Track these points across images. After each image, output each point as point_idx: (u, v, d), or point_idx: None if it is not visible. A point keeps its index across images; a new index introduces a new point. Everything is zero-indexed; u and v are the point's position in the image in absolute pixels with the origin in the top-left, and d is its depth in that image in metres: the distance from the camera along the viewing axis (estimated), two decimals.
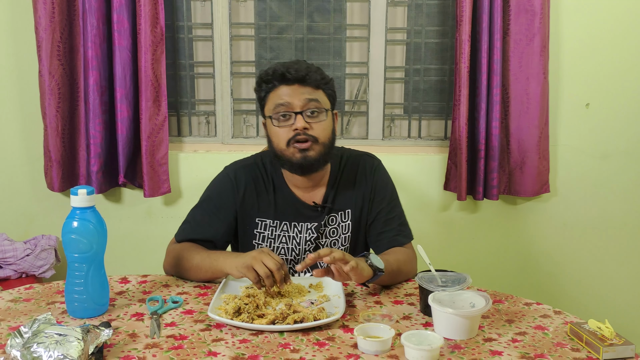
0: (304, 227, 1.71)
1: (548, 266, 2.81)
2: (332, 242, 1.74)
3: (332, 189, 1.73)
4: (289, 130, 1.61)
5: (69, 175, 2.60)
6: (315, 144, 1.62)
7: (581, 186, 2.75)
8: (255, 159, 1.77)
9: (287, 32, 2.76)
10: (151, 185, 2.58)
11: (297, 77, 1.61)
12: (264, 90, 1.66)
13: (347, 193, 1.74)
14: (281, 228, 1.71)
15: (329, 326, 1.35)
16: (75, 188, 1.35)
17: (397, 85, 2.84)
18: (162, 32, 2.51)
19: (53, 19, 2.44)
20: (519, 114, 2.58)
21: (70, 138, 2.58)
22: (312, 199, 1.72)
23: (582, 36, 2.64)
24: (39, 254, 2.48)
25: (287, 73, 1.61)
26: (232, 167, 1.75)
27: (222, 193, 1.72)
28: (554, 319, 1.41)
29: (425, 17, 2.74)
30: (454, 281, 1.44)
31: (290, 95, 1.61)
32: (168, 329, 1.33)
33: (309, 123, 1.61)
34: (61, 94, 2.51)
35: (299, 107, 1.61)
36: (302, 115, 1.60)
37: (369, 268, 1.49)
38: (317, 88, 1.64)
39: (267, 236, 1.72)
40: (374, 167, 1.77)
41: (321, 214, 1.72)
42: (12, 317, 1.38)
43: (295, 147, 1.61)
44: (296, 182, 1.71)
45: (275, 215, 1.71)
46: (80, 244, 1.35)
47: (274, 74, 1.63)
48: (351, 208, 1.73)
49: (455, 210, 2.76)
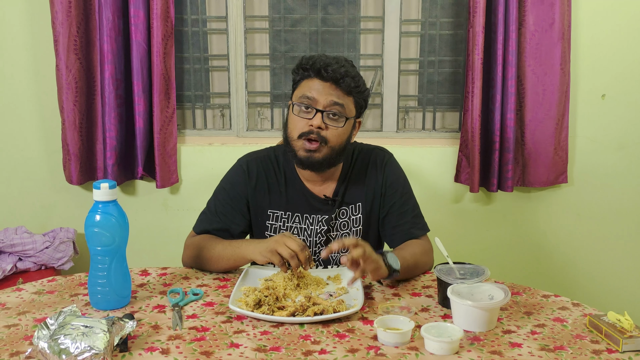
0: (315, 219, 1.72)
1: (563, 257, 2.81)
2: (342, 235, 1.74)
3: (343, 183, 1.74)
4: (305, 123, 1.62)
5: (87, 168, 2.63)
6: (324, 146, 1.62)
7: (597, 177, 2.74)
8: (269, 152, 1.78)
9: (301, 25, 2.76)
10: (162, 176, 2.61)
11: (332, 77, 1.61)
12: (300, 75, 1.67)
13: (358, 186, 1.74)
14: (293, 220, 1.73)
15: (348, 318, 1.37)
16: (98, 182, 1.37)
17: (412, 77, 2.84)
18: (172, 25, 2.53)
19: (70, 14, 2.46)
20: (535, 105, 2.57)
21: (88, 131, 2.61)
22: (323, 192, 1.73)
23: (598, 26, 2.62)
24: (58, 247, 2.51)
25: (324, 71, 1.60)
26: (245, 159, 1.77)
27: (235, 184, 1.74)
28: (573, 311, 1.42)
29: (439, 9, 2.73)
30: (472, 273, 1.45)
31: (319, 91, 1.61)
32: (190, 321, 1.35)
33: (325, 124, 1.61)
34: (78, 88, 2.53)
35: (322, 106, 1.61)
36: (322, 114, 1.61)
37: (385, 267, 1.50)
38: (348, 94, 1.63)
39: (279, 228, 1.73)
40: (384, 160, 1.77)
41: (332, 207, 1.73)
42: (36, 309, 1.41)
43: (304, 143, 1.62)
44: (307, 176, 1.72)
45: (287, 207, 1.72)
46: (103, 237, 1.37)
47: (312, 65, 1.63)
48: (362, 201, 1.74)
49: (469, 201, 2.76)
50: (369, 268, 1.45)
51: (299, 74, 1.67)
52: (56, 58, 2.49)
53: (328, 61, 1.61)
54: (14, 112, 2.68)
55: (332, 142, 1.62)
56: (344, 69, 1.61)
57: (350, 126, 1.68)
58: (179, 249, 1.75)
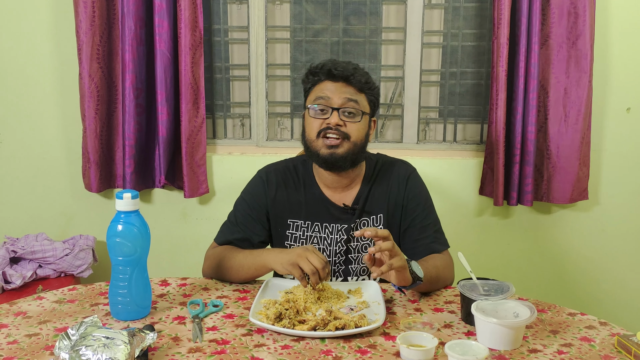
0: (335, 228, 1.72)
1: (588, 274, 2.76)
2: (363, 245, 1.73)
3: (364, 192, 1.73)
4: (322, 122, 1.63)
5: (106, 176, 2.64)
6: (346, 141, 1.62)
7: (622, 193, 2.69)
8: (287, 163, 1.80)
9: (322, 35, 2.76)
10: (191, 186, 2.62)
11: (343, 75, 1.63)
12: (310, 82, 1.70)
13: (380, 198, 1.73)
14: (312, 229, 1.72)
15: (370, 333, 1.35)
16: (120, 192, 1.37)
17: (433, 88, 2.82)
18: (200, 35, 2.54)
19: (93, 23, 2.48)
20: (559, 119, 2.54)
21: (108, 140, 2.62)
22: (342, 200, 1.72)
23: (624, 39, 2.59)
24: (78, 254, 2.52)
25: (334, 69, 1.63)
26: (264, 170, 1.79)
27: (254, 194, 1.75)
28: (600, 330, 1.39)
29: (462, 20, 2.72)
30: (497, 290, 1.42)
31: (332, 91, 1.64)
32: (210, 333, 1.34)
33: (343, 121, 1.62)
34: (100, 96, 2.55)
35: (337, 105, 1.63)
36: (338, 112, 1.62)
37: (409, 275, 1.48)
38: (360, 91, 1.66)
39: (299, 237, 1.73)
40: (407, 173, 1.76)
41: (351, 216, 1.72)
42: (57, 319, 1.41)
43: (324, 141, 1.62)
44: (327, 182, 1.72)
45: (307, 216, 1.72)
46: (125, 247, 1.37)
47: (322, 69, 1.66)
48: (383, 213, 1.73)
49: (488, 215, 2.73)
50: (396, 264, 1.42)
51: (309, 81, 1.70)
52: (79, 66, 2.52)
53: (336, 62, 1.66)
54: (38, 119, 2.71)
55: (353, 137, 1.63)
56: (352, 66, 1.66)
57: (367, 123, 1.69)
58: (197, 257, 1.75)
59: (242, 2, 2.74)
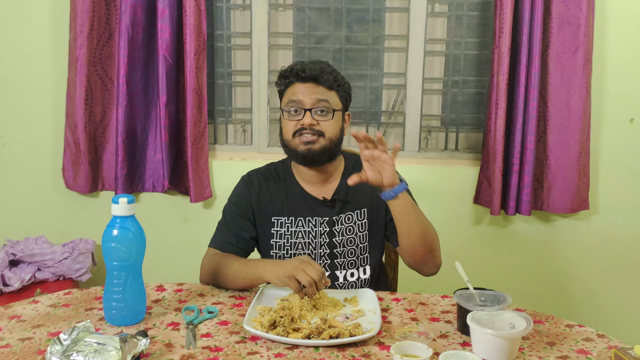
0: (317, 221, 1.77)
1: (587, 285, 2.74)
2: (348, 239, 1.77)
3: (344, 185, 1.78)
4: (296, 123, 1.70)
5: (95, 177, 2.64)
6: (321, 137, 1.70)
7: (623, 203, 2.68)
8: (268, 166, 1.89)
9: (325, 42, 2.76)
10: (196, 191, 2.62)
11: (311, 75, 1.71)
12: (282, 84, 1.78)
13: (364, 192, 1.78)
14: (296, 224, 1.77)
15: (364, 342, 1.34)
16: (117, 197, 1.36)
17: (435, 96, 2.81)
18: (204, 41, 2.55)
19: (92, 27, 2.49)
20: (559, 129, 2.53)
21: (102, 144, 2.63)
22: (322, 194, 1.79)
23: (627, 49, 2.58)
24: (77, 258, 2.51)
25: (302, 72, 1.71)
26: (247, 174, 1.87)
27: (240, 196, 1.81)
28: (598, 342, 1.37)
29: (465, 29, 2.72)
30: (493, 300, 1.41)
31: (303, 93, 1.71)
32: (203, 340, 1.33)
33: (316, 120, 1.69)
34: (94, 99, 2.55)
35: (309, 105, 1.70)
36: (310, 112, 1.69)
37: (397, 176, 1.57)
38: (330, 89, 1.73)
39: (284, 233, 1.77)
40: None
41: (332, 209, 1.77)
42: (51, 323, 1.40)
43: (301, 139, 1.69)
44: (306, 178, 1.79)
45: (289, 212, 1.77)
46: (120, 252, 1.37)
47: (291, 71, 1.74)
48: (367, 207, 1.79)
49: (487, 224, 2.72)
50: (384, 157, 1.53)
51: (281, 83, 1.78)
52: (76, 70, 2.51)
53: (304, 64, 1.73)
54: (38, 122, 2.71)
55: (328, 133, 1.70)
56: (319, 66, 1.72)
57: (340, 119, 1.76)
58: (197, 262, 1.75)
59: (246, 8, 2.75)
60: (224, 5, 2.73)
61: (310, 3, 2.73)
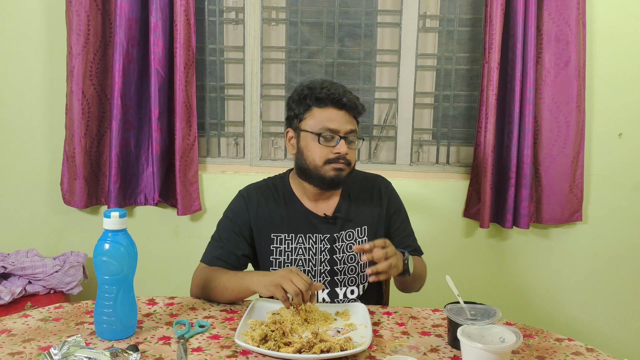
0: (318, 238, 1.76)
1: (577, 298, 2.76)
2: (349, 257, 1.77)
3: (344, 203, 1.80)
4: (329, 151, 1.68)
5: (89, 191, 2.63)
6: (348, 167, 1.72)
7: (613, 217, 2.70)
8: (266, 181, 1.86)
9: (317, 56, 2.78)
10: (184, 204, 2.62)
11: (350, 106, 1.70)
12: (310, 103, 1.71)
13: (364, 210, 1.81)
14: (297, 241, 1.76)
15: (355, 356, 1.34)
16: (108, 211, 1.36)
17: (426, 110, 2.84)
18: (193, 54, 2.56)
19: (87, 41, 2.50)
20: (550, 142, 2.56)
21: (97, 158, 2.62)
22: (323, 211, 1.78)
23: (615, 65, 2.62)
24: (68, 271, 2.51)
25: (343, 99, 1.68)
26: (245, 189, 1.84)
27: (237, 212, 1.78)
28: (587, 356, 1.38)
29: (456, 44, 2.74)
30: (483, 314, 1.42)
31: (339, 121, 1.68)
32: (195, 354, 1.33)
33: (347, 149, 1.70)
34: (90, 113, 2.56)
35: (343, 133, 1.69)
36: (345, 141, 1.69)
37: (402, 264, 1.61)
38: (355, 118, 1.74)
39: (283, 250, 1.76)
40: (389, 188, 1.89)
41: (333, 225, 1.77)
42: (41, 337, 1.40)
43: (332, 166, 1.68)
44: (309, 195, 1.78)
45: (289, 228, 1.76)
46: (111, 266, 1.36)
47: (329, 96, 1.68)
48: (367, 225, 1.80)
49: (482, 238, 2.73)
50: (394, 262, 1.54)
51: (308, 102, 1.71)
52: (71, 84, 2.52)
53: (342, 91, 1.70)
54: (29, 135, 2.71)
55: (352, 163, 1.74)
56: (353, 96, 1.72)
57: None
58: (189, 275, 1.75)
59: (238, 22, 2.77)
60: (217, 19, 2.75)
61: (303, 17, 2.76)
